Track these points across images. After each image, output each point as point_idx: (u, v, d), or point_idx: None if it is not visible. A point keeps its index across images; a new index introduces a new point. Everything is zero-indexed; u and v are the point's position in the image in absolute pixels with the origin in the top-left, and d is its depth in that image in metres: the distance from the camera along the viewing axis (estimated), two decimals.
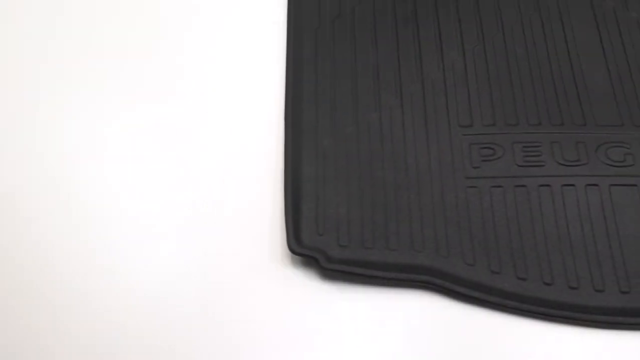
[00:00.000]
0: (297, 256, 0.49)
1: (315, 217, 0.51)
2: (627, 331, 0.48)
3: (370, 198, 0.51)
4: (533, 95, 0.56)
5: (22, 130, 0.55)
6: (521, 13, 0.60)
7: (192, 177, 0.53)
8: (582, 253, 0.50)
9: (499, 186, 0.52)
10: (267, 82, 0.57)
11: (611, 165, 0.53)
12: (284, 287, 0.49)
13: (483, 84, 0.56)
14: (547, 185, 0.52)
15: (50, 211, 0.52)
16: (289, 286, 0.49)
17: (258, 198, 0.52)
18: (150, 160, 0.54)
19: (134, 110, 0.56)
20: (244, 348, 0.47)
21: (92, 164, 0.54)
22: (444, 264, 0.49)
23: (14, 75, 0.58)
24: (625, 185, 0.52)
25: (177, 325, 0.48)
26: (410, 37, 0.59)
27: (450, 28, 0.59)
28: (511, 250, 0.50)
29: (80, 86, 0.58)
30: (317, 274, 0.49)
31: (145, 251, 0.50)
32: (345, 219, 0.51)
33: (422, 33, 0.59)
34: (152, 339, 0.47)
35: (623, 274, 0.49)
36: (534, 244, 0.50)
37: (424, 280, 0.48)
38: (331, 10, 0.60)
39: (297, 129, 0.54)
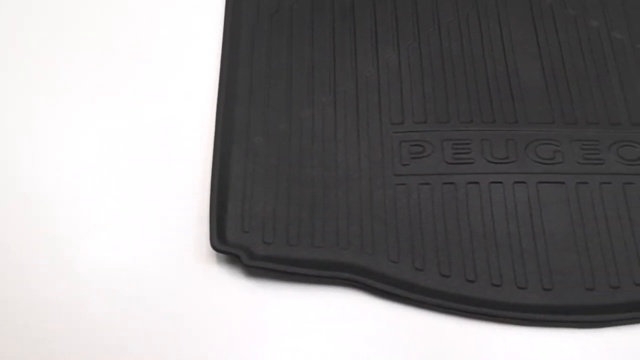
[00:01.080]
0: (221, 254, 0.49)
1: (241, 214, 0.51)
2: (548, 328, 0.48)
3: (298, 196, 0.52)
4: (466, 92, 0.56)
5: None
6: (458, 10, 0.60)
7: (120, 174, 0.53)
8: (507, 250, 0.50)
9: (427, 183, 0.52)
10: (202, 78, 0.57)
11: (540, 162, 0.53)
12: (207, 285, 0.49)
13: (416, 82, 0.56)
14: (475, 183, 0.52)
15: None
16: (213, 284, 0.49)
17: (187, 196, 0.52)
18: (80, 156, 0.54)
19: (68, 107, 0.56)
20: (165, 345, 0.47)
21: (23, 157, 0.54)
22: (368, 261, 0.49)
23: None
24: (553, 182, 0.52)
25: (100, 322, 0.48)
26: (346, 34, 0.59)
27: (386, 25, 0.59)
28: (436, 248, 0.50)
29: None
30: (242, 271, 0.49)
31: (74, 247, 0.50)
32: (272, 216, 0.51)
33: (358, 30, 0.59)
34: (75, 337, 0.47)
35: (546, 272, 0.49)
36: (459, 241, 0.50)
37: (346, 278, 0.48)
38: (270, 7, 0.60)
39: (229, 126, 0.54)
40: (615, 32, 0.59)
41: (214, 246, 0.48)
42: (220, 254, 0.49)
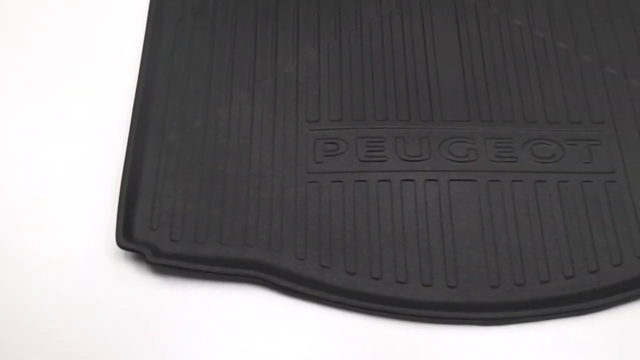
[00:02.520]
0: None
1: (150, 211, 0.51)
2: (452, 325, 0.48)
3: (209, 193, 0.52)
4: (384, 90, 0.56)
5: None
6: (381, 8, 0.60)
7: (34, 169, 0.53)
8: (415, 248, 0.50)
9: (340, 181, 0.52)
10: (122, 75, 0.57)
11: (453, 160, 0.53)
12: (114, 282, 0.49)
13: (334, 80, 0.56)
14: (387, 181, 0.52)
15: None
16: (119, 281, 0.49)
17: (100, 192, 0.52)
18: None
19: None
20: (70, 340, 0.47)
21: None
22: (274, 258, 0.49)
23: None
24: (465, 180, 0.52)
25: (4, 319, 0.48)
26: (269, 32, 0.59)
27: (309, 23, 0.59)
28: (344, 245, 0.50)
29: None
30: (149, 268, 0.49)
31: None
32: (181, 213, 0.51)
33: (281, 28, 0.59)
34: None
35: (452, 269, 0.49)
36: (368, 238, 0.50)
37: (251, 275, 0.48)
38: (194, 4, 0.60)
39: (144, 123, 0.54)
40: (537, 31, 0.59)
41: (119, 243, 0.48)
42: (129, 252, 0.49)
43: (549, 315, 0.48)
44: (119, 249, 0.49)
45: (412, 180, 0.52)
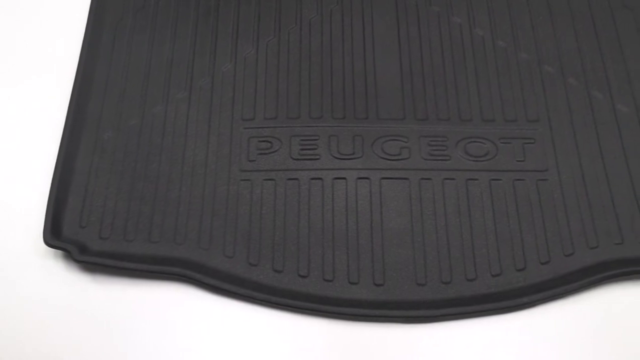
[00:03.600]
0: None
1: (81, 209, 0.51)
2: (377, 323, 0.48)
3: (141, 191, 0.52)
4: (320, 89, 0.56)
5: None
6: (322, 7, 0.60)
7: None
8: (343, 246, 0.50)
9: (272, 179, 0.52)
10: (60, 73, 0.57)
11: (386, 158, 0.53)
12: (42, 280, 0.49)
13: (271, 78, 0.56)
14: (319, 179, 0.52)
15: None
16: (48, 279, 0.49)
17: (32, 190, 0.52)
18: None
19: None
20: None
21: None
22: (202, 256, 0.49)
23: None
24: (397, 178, 0.52)
25: None
26: (208, 31, 0.59)
27: (248, 22, 0.59)
28: (272, 243, 0.50)
29: None
30: (78, 266, 0.50)
31: None
32: (112, 211, 0.51)
33: (220, 26, 0.59)
34: None
35: (380, 267, 0.49)
36: (297, 237, 0.50)
37: (176, 273, 0.48)
38: (135, 3, 0.60)
39: (79, 121, 0.54)
40: (477, 29, 0.59)
41: (46, 241, 0.49)
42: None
43: (473, 313, 0.48)
44: (47, 247, 0.50)
45: (344, 178, 0.52)
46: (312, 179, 0.52)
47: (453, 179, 0.52)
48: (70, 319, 0.48)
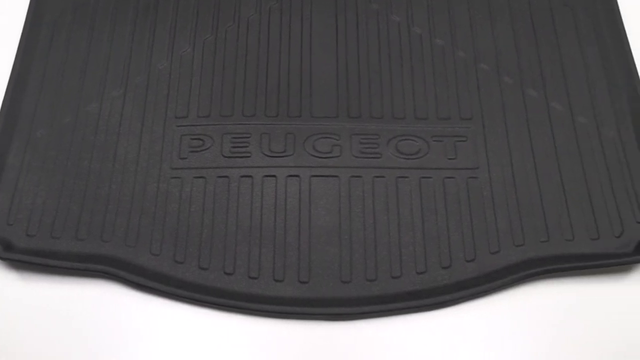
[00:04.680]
0: None
1: (9, 207, 0.51)
2: (301, 321, 0.48)
3: (71, 189, 0.52)
4: (254, 87, 0.56)
5: None
6: (261, 5, 0.60)
7: None
8: (270, 243, 0.50)
9: (202, 177, 0.52)
10: None
11: (316, 156, 0.53)
12: None
13: (206, 76, 0.56)
14: (249, 177, 0.52)
15: None
16: None
17: None
18: None
19: None
20: None
21: None
22: (128, 253, 0.49)
23: None
24: (327, 176, 0.52)
25: None
26: (147, 29, 0.59)
27: (187, 20, 0.59)
28: (200, 241, 0.50)
29: None
30: (3, 264, 0.50)
31: None
32: (40, 209, 0.51)
33: (159, 24, 0.59)
34: None
35: (306, 265, 0.49)
36: (225, 234, 0.50)
37: (101, 270, 0.48)
38: (75, 0, 0.60)
39: (12, 119, 0.54)
40: (415, 28, 0.59)
41: None
42: None
43: (396, 311, 0.48)
44: None
45: (273, 176, 0.52)
46: (242, 176, 0.52)
47: (383, 176, 0.52)
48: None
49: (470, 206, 0.51)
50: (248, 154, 0.53)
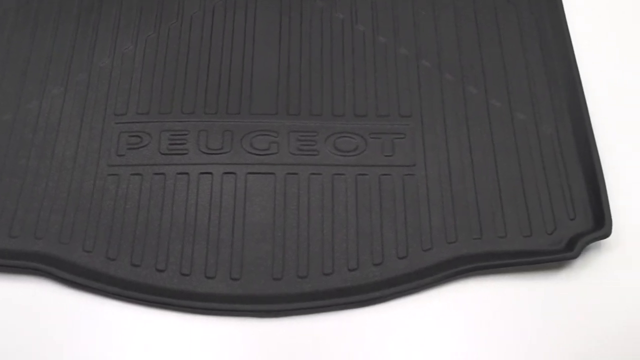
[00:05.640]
0: None
1: None
2: (233, 317, 0.48)
3: (7, 186, 0.52)
4: (195, 84, 0.56)
5: None
6: (205, 2, 0.60)
7: None
8: (204, 240, 0.50)
9: (139, 174, 0.52)
10: None
11: (253, 153, 0.53)
12: None
13: (147, 73, 0.57)
14: (186, 174, 0.52)
15: None
16: None
17: None
18: None
19: None
20: None
21: None
22: (61, 250, 0.50)
23: None
24: (263, 173, 0.52)
25: None
26: (90, 26, 0.59)
27: (130, 17, 0.59)
28: (133, 238, 0.50)
29: None
30: None
31: None
32: None
33: (102, 22, 0.59)
34: None
35: (238, 262, 0.49)
36: (158, 231, 0.50)
37: (32, 267, 0.49)
38: None
39: None
40: (359, 25, 0.59)
41: None
42: None
43: (326, 307, 0.48)
44: None
45: (210, 173, 0.52)
46: (179, 173, 0.52)
47: (320, 173, 0.52)
48: None
49: (405, 203, 0.51)
50: (185, 151, 0.53)
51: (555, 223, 0.50)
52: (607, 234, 0.49)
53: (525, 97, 0.56)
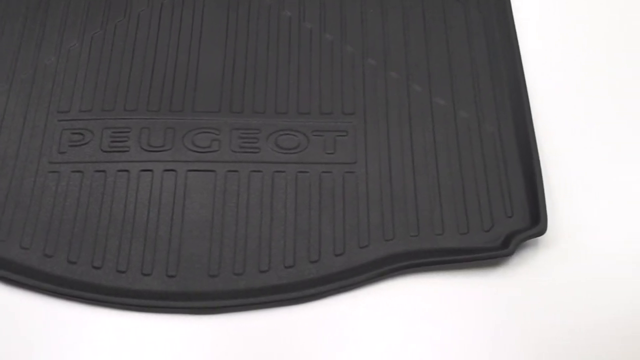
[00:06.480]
0: None
1: None
2: (168, 314, 0.48)
3: None
4: (139, 82, 0.56)
5: None
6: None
7: None
8: (141, 237, 0.50)
9: (79, 171, 0.52)
10: None
11: (194, 151, 0.53)
12: None
13: (92, 71, 0.57)
14: (126, 171, 0.52)
15: None
16: None
17: None
18: None
19: None
20: None
21: None
22: None
23: None
24: (203, 170, 0.53)
25: None
26: (37, 23, 0.59)
27: (77, 14, 0.59)
28: (71, 235, 0.50)
29: None
30: None
31: None
32: None
33: (49, 19, 0.59)
34: None
35: (175, 259, 0.49)
36: (96, 228, 0.50)
37: None
38: None
39: None
40: (306, 23, 0.59)
41: None
42: None
43: (260, 304, 0.48)
44: None
45: (150, 170, 0.52)
46: (119, 171, 0.52)
47: (260, 171, 0.53)
48: None
49: (345, 201, 0.51)
50: (127, 149, 0.53)
51: (493, 221, 0.51)
52: (542, 231, 0.49)
53: (469, 96, 0.56)
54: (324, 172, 0.53)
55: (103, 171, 0.52)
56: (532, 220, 0.50)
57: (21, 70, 0.57)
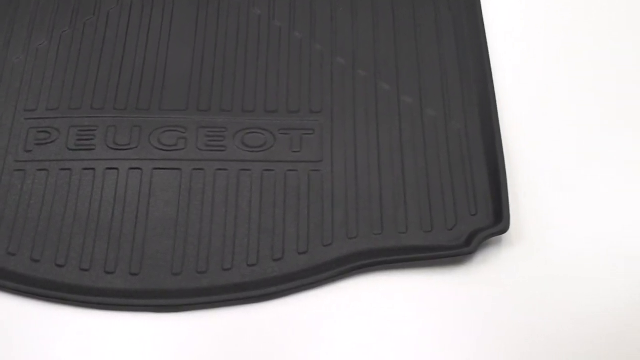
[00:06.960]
0: None
1: None
2: (131, 313, 0.48)
3: None
4: (106, 80, 0.56)
5: None
6: None
7: None
8: (105, 235, 0.50)
9: (45, 170, 0.53)
10: None
11: (161, 149, 0.53)
12: None
13: (60, 69, 0.57)
14: (92, 169, 0.53)
15: None
16: None
17: None
18: None
19: None
20: None
21: None
22: None
23: None
24: (169, 169, 0.53)
25: None
26: (6, 22, 0.59)
27: (46, 12, 0.59)
28: (35, 233, 0.50)
29: None
30: None
31: None
32: None
33: (18, 17, 0.59)
34: None
35: (138, 257, 0.49)
36: (61, 226, 0.50)
37: None
38: None
39: None
40: (276, 21, 0.59)
41: None
42: None
43: (222, 302, 0.48)
44: None
45: (116, 168, 0.53)
46: (85, 169, 0.53)
47: (226, 169, 0.53)
48: None
49: (310, 199, 0.51)
50: (93, 147, 0.53)
51: (457, 219, 0.51)
52: (504, 229, 0.49)
53: (437, 94, 0.56)
54: (289, 170, 0.53)
55: (69, 169, 0.53)
56: (496, 218, 0.50)
57: None
